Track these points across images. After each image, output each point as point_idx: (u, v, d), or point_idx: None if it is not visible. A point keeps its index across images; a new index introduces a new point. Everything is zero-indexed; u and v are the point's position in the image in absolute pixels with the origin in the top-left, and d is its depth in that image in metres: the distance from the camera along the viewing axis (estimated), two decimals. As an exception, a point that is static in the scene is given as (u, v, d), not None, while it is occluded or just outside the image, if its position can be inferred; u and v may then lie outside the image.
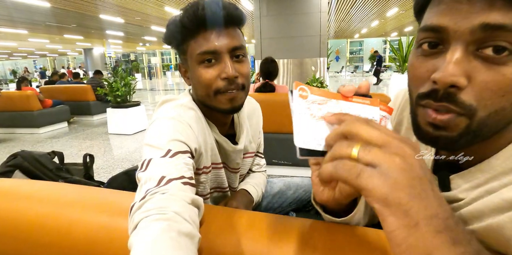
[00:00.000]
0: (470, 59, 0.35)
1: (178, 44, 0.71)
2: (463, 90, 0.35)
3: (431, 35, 0.38)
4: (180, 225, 0.41)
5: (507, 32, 0.32)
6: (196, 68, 0.68)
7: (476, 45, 0.35)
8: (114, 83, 4.40)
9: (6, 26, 10.69)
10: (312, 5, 4.78)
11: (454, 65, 0.34)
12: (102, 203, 0.60)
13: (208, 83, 0.67)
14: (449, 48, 0.36)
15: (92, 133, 4.87)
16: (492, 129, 0.38)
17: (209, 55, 0.66)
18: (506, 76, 0.33)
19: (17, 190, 0.66)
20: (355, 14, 10.82)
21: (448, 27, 0.36)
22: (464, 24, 0.34)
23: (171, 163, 0.55)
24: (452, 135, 0.38)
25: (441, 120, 0.38)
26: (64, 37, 14.28)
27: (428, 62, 0.39)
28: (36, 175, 1.19)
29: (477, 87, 0.35)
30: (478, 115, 0.36)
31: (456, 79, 0.34)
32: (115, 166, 3.17)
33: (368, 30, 16.19)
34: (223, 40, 0.66)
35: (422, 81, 0.39)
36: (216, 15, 0.64)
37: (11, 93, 5.08)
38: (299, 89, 0.36)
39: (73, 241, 0.53)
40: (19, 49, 20.28)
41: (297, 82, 0.36)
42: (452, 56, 0.35)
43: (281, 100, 2.45)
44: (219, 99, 0.69)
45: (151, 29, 13.11)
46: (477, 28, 0.33)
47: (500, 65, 0.34)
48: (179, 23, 0.66)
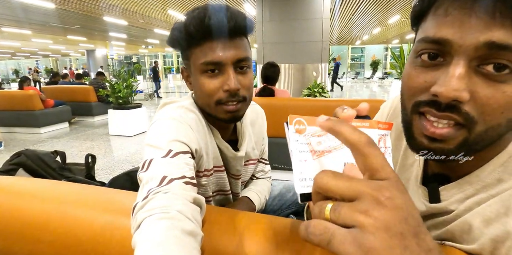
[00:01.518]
0: (472, 75, 0.35)
1: (182, 50, 0.71)
2: (465, 104, 0.35)
3: (432, 47, 0.37)
4: (183, 224, 0.42)
5: (510, 52, 0.32)
6: (199, 77, 0.68)
7: (478, 61, 0.34)
8: (116, 84, 4.42)
9: (11, 26, 10.74)
10: (314, 11, 4.82)
11: (457, 80, 0.34)
12: (105, 202, 0.60)
13: (210, 94, 0.67)
14: (451, 62, 0.35)
15: (93, 134, 4.88)
16: (486, 143, 0.38)
17: (212, 66, 0.66)
18: (506, 94, 0.34)
19: (20, 188, 0.66)
20: (357, 21, 10.88)
21: (452, 41, 0.35)
22: (469, 39, 0.33)
23: (172, 163, 0.55)
24: (449, 147, 0.38)
25: (441, 134, 0.37)
26: (67, 38, 14.34)
27: (427, 74, 0.38)
28: (40, 174, 1.19)
29: (479, 102, 0.35)
30: (477, 129, 0.36)
31: (459, 94, 0.34)
32: (115, 168, 3.17)
33: (370, 37, 16.27)
34: (228, 51, 0.65)
35: (420, 91, 0.39)
36: (223, 25, 0.63)
37: (13, 93, 5.10)
38: (295, 123, 0.32)
39: (76, 239, 0.53)
40: (22, 49, 20.36)
41: (291, 115, 0.32)
42: (455, 71, 0.34)
43: (281, 104, 2.46)
44: (219, 110, 0.69)
45: (154, 32, 13.17)
46: (482, 45, 0.33)
47: (500, 83, 0.34)
48: (184, 29, 0.65)
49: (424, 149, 0.40)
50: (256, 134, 0.91)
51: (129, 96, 4.60)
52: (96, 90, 5.88)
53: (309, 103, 2.45)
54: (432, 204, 0.47)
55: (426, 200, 0.48)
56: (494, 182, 0.40)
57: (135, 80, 4.80)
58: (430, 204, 0.47)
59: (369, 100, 2.60)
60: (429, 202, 0.47)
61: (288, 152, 0.34)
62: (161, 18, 9.89)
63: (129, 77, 4.64)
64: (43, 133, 4.97)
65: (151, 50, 24.74)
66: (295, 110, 2.41)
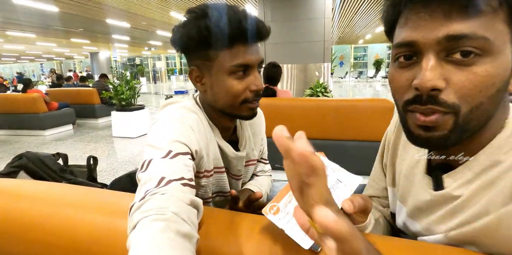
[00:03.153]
0: (443, 64, 0.40)
1: (201, 49, 0.67)
2: (444, 91, 0.39)
3: (404, 50, 0.43)
4: (178, 226, 0.41)
5: (469, 40, 0.37)
6: (225, 78, 0.68)
7: (445, 52, 0.39)
8: (119, 86, 4.44)
9: (15, 30, 10.86)
10: (316, 11, 4.81)
11: (430, 71, 0.39)
12: (105, 204, 0.60)
13: (238, 94, 0.69)
14: (422, 58, 0.41)
15: (96, 136, 4.90)
16: (476, 123, 0.41)
17: (243, 68, 0.68)
18: (477, 74, 0.38)
19: (21, 190, 0.66)
20: (359, 20, 10.86)
21: (418, 41, 0.40)
22: (430, 36, 0.39)
23: (171, 164, 0.55)
24: (443, 133, 0.42)
25: (430, 120, 0.41)
26: (71, 41, 14.46)
27: (406, 73, 0.43)
28: (40, 176, 1.20)
29: (455, 87, 0.39)
30: (462, 111, 0.40)
31: (434, 83, 0.39)
32: (118, 169, 3.18)
33: (373, 36, 16.20)
34: (255, 54, 0.69)
35: (405, 90, 0.44)
36: (257, 30, 0.66)
37: (17, 96, 5.15)
38: (269, 209, 0.39)
39: (76, 241, 0.53)
40: (26, 53, 20.56)
41: (265, 208, 0.39)
42: (427, 64, 0.40)
43: (282, 104, 2.46)
44: (243, 108, 0.72)
45: (157, 34, 13.24)
46: (442, 39, 0.38)
47: (470, 66, 0.38)
48: (215, 28, 0.63)
49: (422, 140, 0.44)
50: (255, 134, 0.91)
51: (132, 98, 4.62)
52: (99, 92, 5.92)
53: (311, 103, 2.44)
54: (436, 191, 0.50)
55: (431, 188, 0.52)
56: (493, 164, 0.43)
57: (138, 82, 4.82)
58: (434, 192, 0.50)
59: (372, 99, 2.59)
60: (433, 190, 0.51)
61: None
62: (164, 20, 9.94)
63: (131, 79, 4.65)
64: (48, 136, 5.01)
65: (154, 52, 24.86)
66: (297, 110, 2.40)
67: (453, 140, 0.42)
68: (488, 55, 0.38)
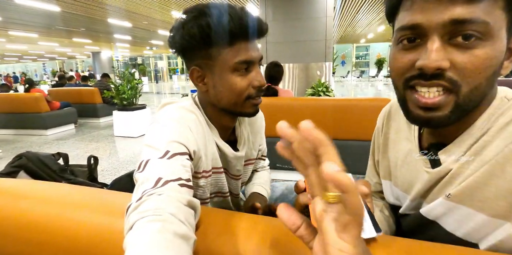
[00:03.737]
0: (446, 46, 0.42)
1: (202, 48, 0.66)
2: (447, 72, 0.42)
3: (409, 33, 0.45)
4: (175, 227, 0.41)
5: (471, 24, 0.40)
6: (229, 76, 0.68)
7: (448, 35, 0.42)
8: (120, 86, 4.45)
9: (18, 30, 10.92)
10: (318, 10, 4.80)
11: (436, 52, 0.42)
12: (104, 204, 0.60)
13: (242, 91, 0.69)
14: (427, 40, 0.43)
15: (98, 136, 4.92)
16: (474, 103, 0.45)
17: (245, 65, 0.68)
18: (478, 57, 0.41)
19: (20, 190, 0.66)
20: (361, 19, 10.83)
21: (423, 24, 0.43)
22: (435, 19, 0.42)
23: (169, 165, 0.55)
24: (445, 113, 0.45)
25: (433, 102, 0.44)
26: (73, 40, 14.52)
27: (410, 54, 0.46)
28: (40, 176, 1.20)
29: (458, 67, 0.42)
30: (463, 90, 0.43)
31: (440, 63, 0.41)
32: (119, 169, 3.19)
33: (375, 35, 16.16)
34: (256, 50, 0.70)
35: (406, 69, 0.46)
36: (257, 27, 0.67)
37: (20, 95, 5.17)
38: None
39: (75, 241, 0.53)
40: (29, 52, 20.66)
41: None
42: (432, 46, 0.42)
43: (284, 104, 2.45)
44: (247, 105, 0.72)
45: (158, 33, 13.26)
46: (447, 22, 0.41)
47: (471, 49, 0.41)
48: (218, 27, 0.63)
49: (423, 119, 0.46)
50: (254, 133, 0.91)
51: (134, 98, 4.63)
52: (101, 92, 5.93)
53: (312, 103, 2.43)
54: (434, 169, 0.52)
55: (428, 167, 0.54)
56: (483, 133, 0.47)
57: (139, 81, 4.82)
58: (432, 170, 0.52)
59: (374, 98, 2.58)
60: (432, 168, 0.53)
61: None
62: (165, 19, 9.96)
63: (133, 78, 4.66)
64: (50, 135, 5.03)
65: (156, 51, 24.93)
66: (299, 110, 2.39)
67: (453, 119, 0.45)
68: (488, 39, 0.41)
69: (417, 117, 0.47)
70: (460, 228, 0.49)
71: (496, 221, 0.44)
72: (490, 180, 0.44)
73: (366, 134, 2.34)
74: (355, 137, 2.31)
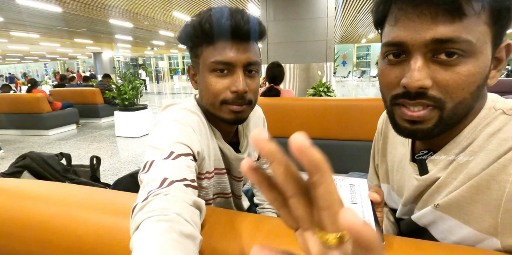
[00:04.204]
0: (429, 64, 0.43)
1: (193, 46, 0.70)
2: (430, 89, 0.43)
3: (393, 48, 0.46)
4: (181, 227, 0.41)
5: (453, 43, 0.41)
6: (207, 75, 0.68)
7: (431, 53, 0.43)
8: (122, 86, 4.46)
9: (19, 30, 10.94)
10: (318, 10, 4.79)
11: (418, 72, 0.42)
12: (107, 203, 0.60)
13: (216, 93, 0.67)
14: (411, 58, 0.44)
15: (99, 136, 4.92)
16: (458, 117, 0.46)
17: (222, 66, 0.66)
18: (460, 74, 0.42)
19: (24, 190, 0.67)
20: (362, 19, 10.81)
21: (406, 42, 0.44)
22: (418, 38, 0.42)
23: (174, 165, 0.55)
24: (428, 126, 0.46)
25: (418, 115, 0.45)
26: (74, 41, 14.54)
27: (395, 70, 0.47)
28: (44, 176, 1.21)
29: (441, 85, 0.43)
30: (447, 106, 0.44)
31: (422, 83, 0.42)
32: (121, 169, 3.19)
33: (375, 35, 16.13)
34: (240, 53, 0.66)
35: (393, 86, 0.47)
36: (239, 27, 0.63)
37: (22, 96, 5.18)
38: None
39: (79, 241, 0.53)
40: (30, 53, 20.70)
41: None
42: (415, 65, 0.43)
43: (286, 104, 2.45)
44: (224, 109, 0.69)
45: (159, 34, 13.27)
46: (429, 41, 0.42)
47: (454, 66, 0.42)
48: (199, 26, 0.64)
49: (409, 132, 0.48)
50: None
51: (135, 98, 4.63)
52: (102, 92, 5.94)
53: (313, 103, 2.43)
54: (422, 176, 0.53)
55: (416, 174, 0.55)
56: (469, 142, 0.47)
57: (140, 81, 4.82)
58: (420, 177, 0.53)
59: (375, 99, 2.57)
60: (420, 175, 0.54)
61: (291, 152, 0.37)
62: (166, 20, 9.97)
63: (134, 78, 4.67)
64: (51, 135, 5.04)
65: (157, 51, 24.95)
66: (301, 110, 2.39)
67: (436, 132, 0.46)
68: (471, 56, 0.42)
69: (404, 129, 0.48)
70: (446, 238, 0.50)
71: (483, 235, 0.44)
72: (477, 195, 0.44)
73: (367, 134, 2.35)
74: (356, 137, 2.31)
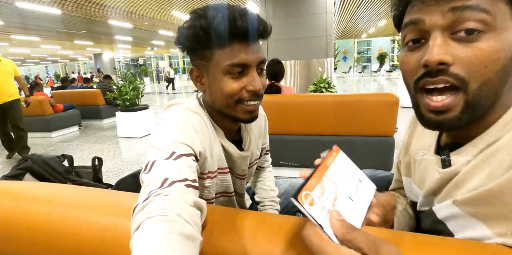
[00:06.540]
0: (449, 42, 0.42)
1: (198, 49, 0.67)
2: (452, 67, 0.42)
3: (412, 29, 0.46)
4: (181, 227, 0.41)
5: (472, 11, 0.40)
6: (221, 78, 0.67)
7: (450, 30, 0.42)
8: (122, 87, 4.46)
9: (19, 33, 10.98)
10: (318, 6, 4.77)
11: (437, 47, 0.42)
12: (109, 204, 0.60)
13: (233, 94, 0.67)
14: (429, 38, 0.44)
15: (102, 137, 4.94)
16: (485, 101, 0.43)
17: (239, 68, 0.66)
18: (483, 50, 0.40)
19: (26, 192, 0.67)
20: (362, 13, 10.74)
21: (424, 19, 0.43)
22: (435, 13, 0.42)
23: (175, 166, 0.55)
24: (455, 114, 0.44)
25: (443, 105, 0.44)
26: (74, 43, 14.58)
27: (415, 55, 0.46)
28: (46, 178, 1.21)
29: (463, 62, 0.41)
30: (471, 87, 0.42)
31: (442, 56, 0.41)
32: (124, 169, 3.21)
33: (376, 30, 16.04)
34: (253, 53, 0.66)
35: (415, 71, 0.46)
36: (254, 28, 0.63)
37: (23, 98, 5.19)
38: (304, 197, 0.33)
39: (81, 241, 0.53)
40: (31, 56, 20.78)
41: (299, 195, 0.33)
42: (434, 42, 0.42)
43: (287, 101, 2.45)
44: (239, 109, 0.70)
45: (159, 34, 13.27)
46: (447, 11, 0.41)
47: (474, 42, 0.41)
48: (211, 29, 0.62)
49: (435, 123, 0.46)
50: (257, 134, 0.91)
51: (136, 98, 4.64)
52: (103, 93, 5.95)
53: (315, 99, 2.42)
54: (444, 169, 0.52)
55: (439, 166, 0.54)
56: (496, 140, 0.45)
57: (141, 82, 4.83)
58: (442, 170, 0.52)
59: (376, 94, 2.56)
60: (442, 168, 0.53)
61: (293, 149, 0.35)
62: (166, 20, 9.96)
63: (135, 79, 4.67)
64: (54, 137, 5.06)
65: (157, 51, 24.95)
66: (301, 106, 2.39)
67: (465, 121, 0.44)
68: (491, 31, 0.40)
69: (429, 121, 0.47)
70: (461, 233, 0.49)
71: (497, 239, 0.43)
72: (496, 196, 0.42)
73: (369, 129, 2.34)
74: (358, 132, 2.30)
